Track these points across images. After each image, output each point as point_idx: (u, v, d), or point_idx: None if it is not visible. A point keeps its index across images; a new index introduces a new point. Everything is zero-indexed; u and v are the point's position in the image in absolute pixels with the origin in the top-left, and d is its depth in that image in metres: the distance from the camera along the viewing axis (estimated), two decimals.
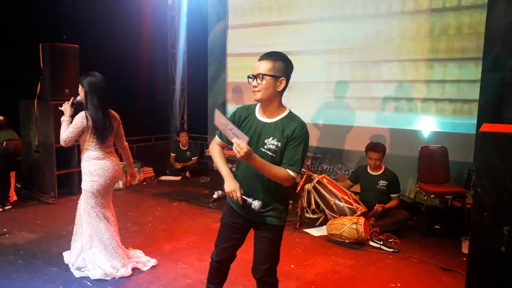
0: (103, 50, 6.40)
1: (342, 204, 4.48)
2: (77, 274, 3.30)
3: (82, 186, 3.32)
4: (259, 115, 2.29)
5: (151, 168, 6.90)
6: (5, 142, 4.83)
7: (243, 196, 2.21)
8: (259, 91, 2.19)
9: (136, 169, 6.43)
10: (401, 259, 3.86)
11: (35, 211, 4.98)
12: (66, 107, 3.35)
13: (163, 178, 6.92)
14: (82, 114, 3.23)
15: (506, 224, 2.22)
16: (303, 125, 2.23)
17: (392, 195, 4.58)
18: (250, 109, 2.34)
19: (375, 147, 4.63)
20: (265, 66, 2.19)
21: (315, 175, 4.83)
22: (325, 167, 6.27)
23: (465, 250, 3.95)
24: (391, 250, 3.99)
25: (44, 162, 5.35)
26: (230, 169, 2.35)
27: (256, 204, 2.18)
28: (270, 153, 2.20)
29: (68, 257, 3.49)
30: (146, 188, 6.30)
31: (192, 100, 8.25)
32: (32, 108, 5.29)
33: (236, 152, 2.02)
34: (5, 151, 4.84)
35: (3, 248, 3.83)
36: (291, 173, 2.17)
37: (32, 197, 5.42)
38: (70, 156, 5.53)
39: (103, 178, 3.29)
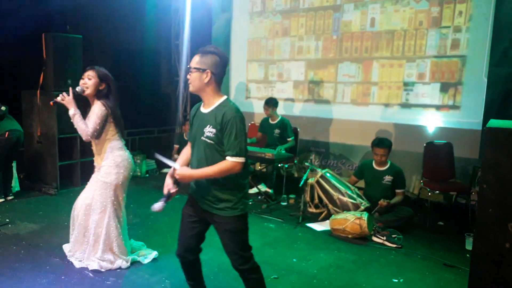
0: (106, 41, 6.37)
1: (345, 199, 4.45)
2: (77, 264, 3.30)
3: (102, 179, 3.23)
4: (202, 107, 2.42)
5: (154, 161, 6.89)
6: (7, 133, 4.82)
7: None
8: (190, 83, 2.34)
9: (139, 161, 6.49)
10: (404, 254, 3.83)
11: (37, 202, 4.99)
12: (69, 100, 3.13)
13: (166, 170, 6.90)
14: (100, 104, 3.15)
15: (510, 221, 2.19)
16: (232, 109, 2.28)
17: (397, 191, 4.55)
18: (197, 106, 2.47)
19: (381, 142, 4.58)
20: (194, 60, 2.34)
21: (318, 170, 4.80)
22: (329, 162, 6.24)
23: (468, 247, 3.92)
24: (394, 245, 3.96)
25: (46, 153, 5.34)
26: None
27: (158, 204, 2.34)
28: (209, 141, 2.30)
29: (68, 248, 3.47)
30: (149, 181, 6.30)
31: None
32: (35, 98, 5.28)
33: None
34: (8, 141, 4.83)
35: (5, 239, 3.84)
36: (231, 158, 2.24)
37: (34, 188, 5.42)
38: (72, 147, 5.52)
39: (127, 171, 3.28)
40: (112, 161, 3.22)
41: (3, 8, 5.37)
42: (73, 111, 3.10)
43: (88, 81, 3.16)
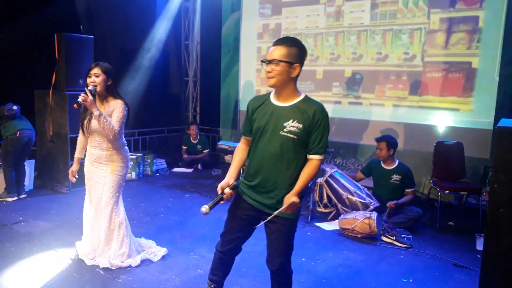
0: (117, 42, 6.44)
1: (354, 198, 4.44)
2: (88, 262, 3.34)
3: (112, 174, 3.26)
4: (274, 100, 2.28)
5: (164, 160, 6.93)
6: (18, 132, 4.90)
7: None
8: (273, 77, 2.18)
9: (149, 160, 6.54)
10: (414, 254, 3.82)
11: (49, 200, 5.06)
12: (91, 101, 3.06)
13: (176, 170, 6.95)
14: (121, 102, 3.20)
15: None
16: (322, 108, 2.23)
17: (406, 190, 4.53)
18: (263, 97, 2.34)
19: (381, 136, 4.73)
20: (279, 52, 2.17)
21: (327, 169, 4.80)
22: (338, 161, 6.23)
23: (479, 247, 3.89)
24: (403, 245, 3.95)
25: (58, 152, 5.41)
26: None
27: (203, 208, 2.18)
28: (291, 135, 2.19)
29: (80, 246, 3.52)
30: (159, 180, 6.34)
31: (205, 92, 8.25)
32: (47, 98, 5.35)
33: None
34: (19, 140, 4.91)
35: (18, 236, 3.90)
36: (319, 157, 2.22)
37: (46, 186, 5.50)
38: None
39: (128, 165, 3.41)
40: (123, 156, 3.30)
41: (17, 9, 5.46)
42: (97, 112, 3.06)
43: (96, 79, 3.15)
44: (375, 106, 5.91)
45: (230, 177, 2.30)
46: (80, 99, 3.05)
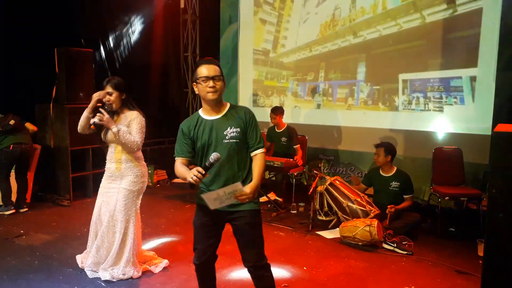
0: (117, 54, 6.49)
1: (355, 206, 4.45)
2: (90, 275, 3.34)
3: (128, 187, 3.25)
4: (207, 116, 2.44)
5: (164, 171, 6.94)
6: (12, 145, 4.90)
7: (203, 166, 2.23)
8: (216, 91, 2.37)
9: (150, 171, 6.56)
10: (415, 261, 3.81)
11: (50, 213, 5.07)
12: (108, 119, 3.13)
13: (176, 180, 6.96)
14: (137, 113, 3.27)
15: None
16: (248, 108, 2.50)
17: (405, 196, 4.54)
18: (194, 117, 2.48)
19: (379, 143, 4.78)
20: (216, 69, 2.40)
21: (327, 177, 4.81)
22: (338, 169, 6.24)
23: (480, 253, 3.88)
24: (404, 252, 3.94)
25: (59, 165, 5.44)
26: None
27: (213, 156, 2.22)
28: (235, 140, 2.38)
29: (82, 259, 3.50)
30: (160, 191, 6.35)
31: None
32: (48, 111, 5.39)
33: (245, 200, 2.32)
34: (11, 154, 4.91)
35: (19, 249, 3.90)
36: (261, 150, 2.45)
37: (47, 199, 5.51)
38: (84, 159, 5.62)
39: (147, 178, 3.41)
40: (139, 170, 3.30)
41: (18, 23, 5.52)
42: (115, 128, 3.11)
43: (111, 97, 3.21)
44: (374, 112, 5.93)
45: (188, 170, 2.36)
46: (96, 119, 3.10)
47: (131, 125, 3.22)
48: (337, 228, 4.42)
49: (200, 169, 2.20)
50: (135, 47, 6.99)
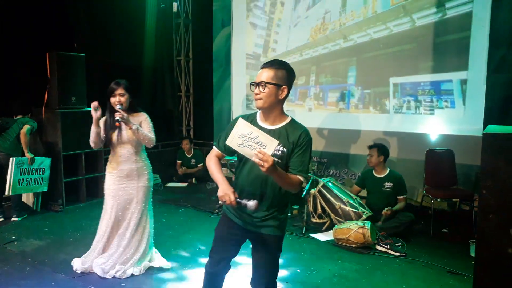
0: (109, 58, 6.47)
1: (347, 208, 4.46)
2: (101, 273, 3.36)
3: (145, 184, 3.44)
4: (261, 122, 2.26)
5: (158, 175, 6.92)
6: None
7: (237, 199, 2.10)
8: (261, 99, 2.17)
9: None
10: (408, 263, 3.83)
11: (43, 218, 5.03)
12: (127, 118, 3.27)
13: (170, 184, 6.94)
14: (145, 114, 3.48)
15: None
16: (307, 132, 2.23)
17: (399, 197, 4.57)
18: (250, 117, 2.31)
19: (373, 144, 4.82)
20: (267, 74, 2.18)
21: (320, 180, 4.83)
22: (331, 172, 6.26)
23: (473, 253, 3.90)
24: (398, 254, 3.96)
25: (51, 169, 5.39)
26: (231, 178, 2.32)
27: (251, 203, 2.06)
28: (275, 159, 2.11)
29: (84, 261, 3.49)
30: (153, 195, 6.29)
31: (198, 107, 8.29)
32: (40, 116, 5.36)
33: (259, 163, 1.94)
34: None
35: (11, 255, 3.87)
36: (301, 178, 2.17)
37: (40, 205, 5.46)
38: (77, 164, 5.58)
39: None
40: (149, 167, 3.49)
41: (9, 28, 5.49)
42: (135, 126, 3.25)
43: (122, 98, 3.29)
44: (366, 115, 5.96)
45: (227, 184, 2.18)
46: (118, 117, 3.18)
47: (143, 125, 3.37)
48: (331, 231, 4.43)
49: (233, 200, 2.07)
50: (128, 51, 6.98)
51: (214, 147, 2.39)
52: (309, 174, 4.84)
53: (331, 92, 6.28)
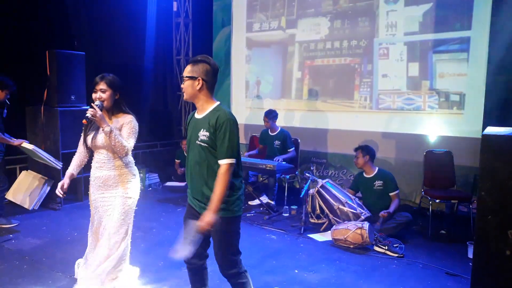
0: (108, 57, 6.47)
1: (345, 209, 4.46)
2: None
3: (127, 195, 2.96)
4: (196, 114, 2.53)
5: (156, 174, 6.92)
6: None
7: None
8: (184, 91, 2.45)
9: (142, 175, 6.53)
10: (406, 264, 3.83)
11: (40, 216, 5.02)
12: (101, 116, 2.78)
13: (168, 184, 6.93)
14: (132, 117, 2.96)
15: (510, 228, 2.20)
16: (225, 113, 2.37)
17: (390, 194, 4.59)
18: (192, 113, 2.59)
19: (356, 147, 4.85)
20: (186, 69, 2.45)
21: (319, 180, 4.83)
22: (330, 172, 6.26)
23: (471, 255, 3.91)
24: (396, 255, 3.96)
25: (49, 168, 5.37)
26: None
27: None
28: (203, 144, 2.37)
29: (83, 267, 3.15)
30: (151, 194, 6.32)
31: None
32: (39, 114, 5.35)
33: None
34: None
35: (9, 254, 3.86)
36: (224, 161, 2.32)
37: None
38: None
39: (139, 185, 3.11)
40: (132, 175, 3.00)
41: (9, 26, 5.48)
42: (108, 127, 2.76)
43: (103, 95, 2.86)
44: (367, 116, 5.96)
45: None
46: (89, 114, 2.75)
47: (123, 129, 2.89)
48: (329, 231, 4.42)
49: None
50: (127, 49, 6.97)
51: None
52: (307, 174, 4.85)
53: (332, 90, 6.27)
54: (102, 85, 2.88)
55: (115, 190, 2.95)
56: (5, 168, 4.87)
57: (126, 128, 2.90)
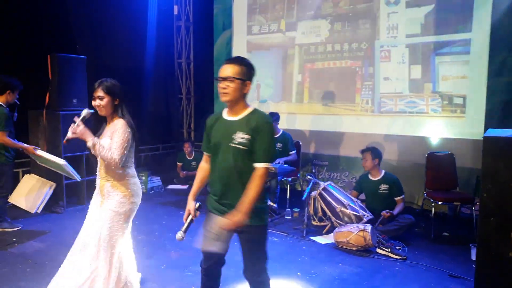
0: (110, 61, 6.49)
1: (348, 211, 4.46)
2: None
3: (115, 209, 2.77)
4: (227, 116, 2.41)
5: (159, 177, 6.93)
6: None
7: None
8: (228, 93, 2.30)
9: (144, 178, 6.54)
10: (409, 266, 3.82)
11: (43, 220, 5.03)
12: (82, 131, 2.66)
13: (171, 186, 6.94)
14: (123, 123, 2.75)
15: None
16: (266, 116, 2.38)
17: (396, 198, 4.58)
18: (218, 114, 2.48)
19: (365, 148, 4.79)
20: (232, 70, 2.30)
21: (321, 182, 4.83)
22: (332, 175, 6.26)
23: (474, 257, 3.90)
24: (398, 257, 3.95)
25: (51, 171, 5.38)
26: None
27: (177, 234, 2.41)
28: (241, 147, 2.29)
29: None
30: (154, 197, 6.33)
31: (198, 109, 8.31)
32: (41, 118, 5.37)
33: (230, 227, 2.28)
34: None
35: (12, 257, 3.87)
36: (262, 164, 2.28)
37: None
38: (78, 166, 5.56)
39: (139, 198, 2.90)
40: (128, 189, 2.80)
41: (11, 30, 5.50)
42: (90, 141, 2.65)
43: (101, 102, 2.74)
44: (369, 119, 5.97)
45: (191, 200, 2.54)
46: (69, 134, 2.65)
47: (114, 136, 2.72)
48: (331, 234, 4.42)
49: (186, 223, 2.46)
50: (129, 53, 7.00)
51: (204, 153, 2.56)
52: (309, 177, 4.86)
53: (335, 92, 6.28)
54: (99, 92, 2.77)
55: (106, 201, 2.80)
56: (12, 173, 4.86)
57: (115, 136, 2.72)
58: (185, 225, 2.45)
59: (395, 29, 5.69)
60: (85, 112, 2.77)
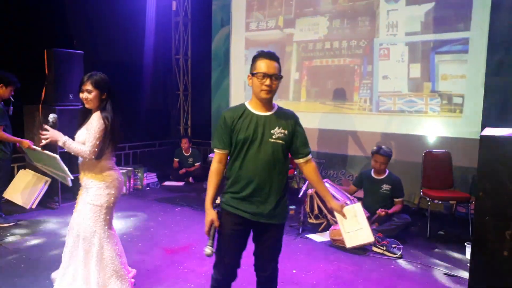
0: (107, 56, 6.46)
1: None
2: None
3: (92, 202, 2.82)
4: (255, 110, 2.31)
5: (155, 174, 6.91)
6: None
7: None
8: (272, 90, 2.26)
9: (140, 174, 6.52)
10: (405, 264, 3.82)
11: (38, 215, 5.00)
12: (52, 134, 2.81)
13: (167, 183, 6.93)
14: (97, 115, 2.78)
15: (508, 229, 2.20)
16: (292, 111, 2.44)
17: (395, 200, 4.56)
18: (240, 108, 2.34)
19: (383, 150, 4.57)
20: (277, 67, 2.27)
21: None
22: (328, 173, 6.25)
23: (469, 256, 3.90)
24: (394, 255, 3.95)
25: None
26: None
27: (206, 250, 2.24)
28: (281, 142, 2.28)
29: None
30: (149, 193, 6.31)
31: (196, 106, 8.30)
32: (37, 113, 5.34)
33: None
34: None
35: (6, 252, 3.85)
36: (310, 156, 2.39)
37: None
38: (73, 161, 5.52)
39: (118, 190, 2.91)
40: (102, 182, 2.84)
41: (8, 25, 5.47)
42: (61, 140, 2.77)
43: (89, 95, 2.79)
44: (364, 116, 5.96)
45: (210, 208, 2.34)
46: (43, 142, 2.81)
47: (88, 128, 2.79)
48: (327, 231, 4.42)
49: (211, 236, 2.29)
50: (126, 48, 6.97)
51: (215, 151, 2.39)
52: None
53: (332, 90, 6.26)
54: (88, 86, 2.81)
55: (85, 195, 2.87)
56: (9, 169, 4.82)
57: (89, 128, 2.78)
58: (211, 238, 2.27)
59: (395, 27, 5.66)
60: (52, 117, 2.93)
